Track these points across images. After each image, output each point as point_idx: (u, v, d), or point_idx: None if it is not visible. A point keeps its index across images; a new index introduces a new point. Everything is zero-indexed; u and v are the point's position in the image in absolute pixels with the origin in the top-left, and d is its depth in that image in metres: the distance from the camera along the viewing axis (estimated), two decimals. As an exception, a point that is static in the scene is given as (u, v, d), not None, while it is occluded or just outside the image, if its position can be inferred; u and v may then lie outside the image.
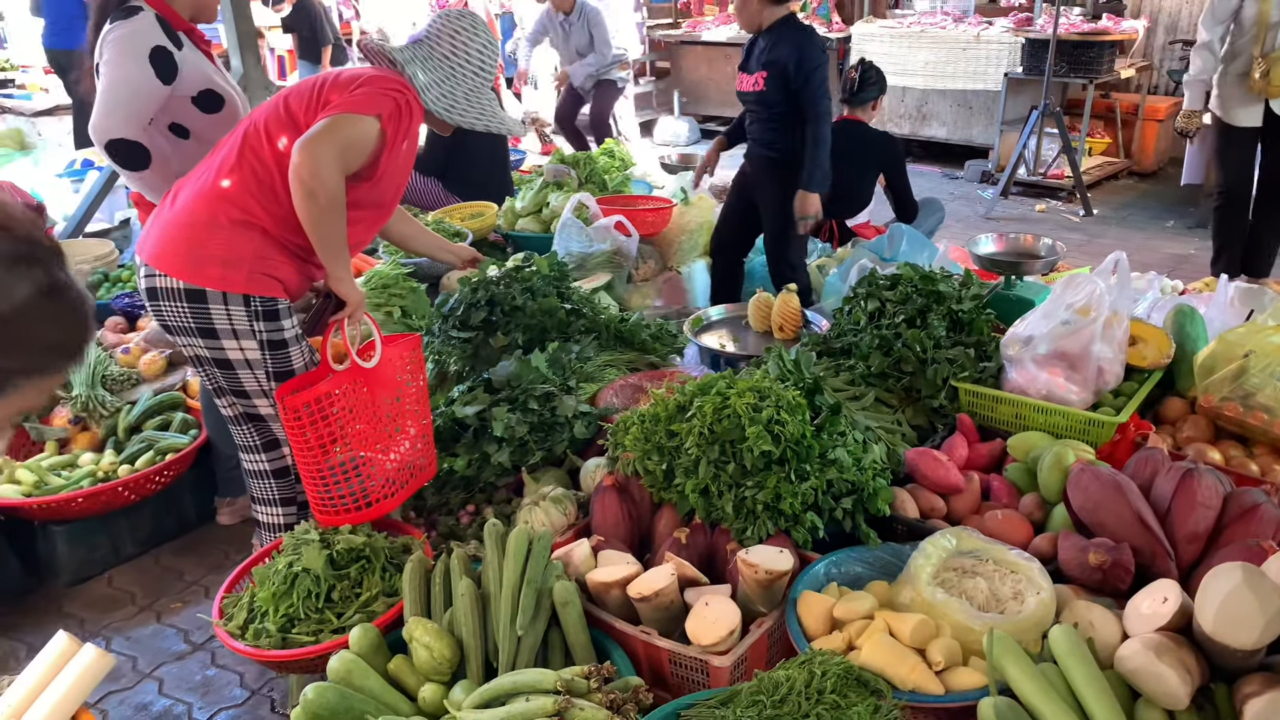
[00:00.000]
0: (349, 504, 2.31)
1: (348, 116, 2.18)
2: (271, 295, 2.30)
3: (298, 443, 2.26)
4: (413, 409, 2.47)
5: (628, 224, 4.14)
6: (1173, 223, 6.65)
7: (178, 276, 2.23)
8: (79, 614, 2.85)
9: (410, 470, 2.47)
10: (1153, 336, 2.78)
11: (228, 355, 2.33)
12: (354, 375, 2.28)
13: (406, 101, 2.28)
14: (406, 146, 2.35)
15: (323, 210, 2.17)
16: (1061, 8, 6.90)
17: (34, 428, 3.19)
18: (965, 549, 2.06)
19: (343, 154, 2.18)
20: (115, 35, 2.61)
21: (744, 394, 2.26)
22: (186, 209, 2.27)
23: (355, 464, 2.29)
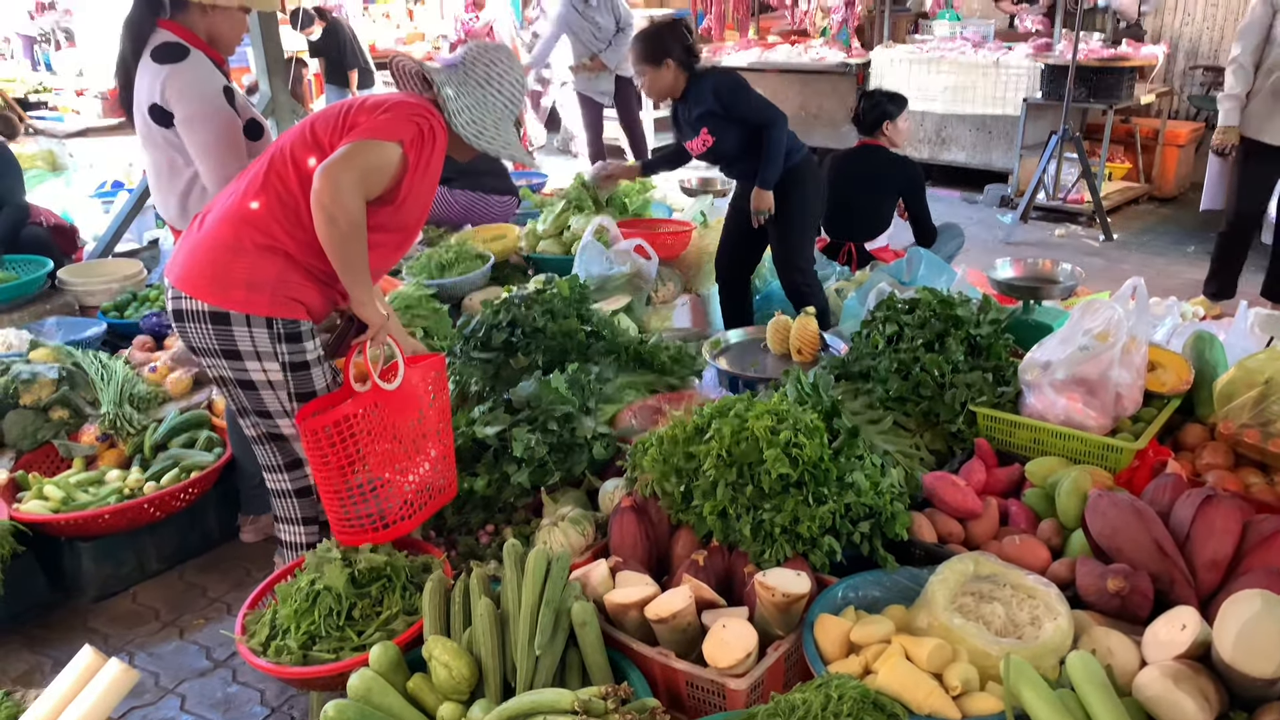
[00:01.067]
0: (368, 524, 2.33)
1: (370, 142, 2.21)
2: (294, 318, 2.33)
3: (318, 464, 2.28)
4: (434, 430, 2.48)
5: (647, 247, 4.17)
6: (1193, 248, 6.63)
7: (202, 299, 2.27)
8: (103, 629, 2.89)
9: (429, 492, 2.49)
10: (1172, 362, 2.78)
11: (251, 376, 2.37)
12: (375, 397, 2.31)
13: (430, 127, 2.31)
14: (430, 171, 2.38)
15: (343, 235, 2.19)
16: (1081, 34, 6.91)
17: (62, 444, 3.24)
18: (983, 574, 2.06)
19: (364, 179, 2.20)
20: (186, 83, 2.70)
21: (762, 416, 2.27)
22: (212, 233, 2.31)
23: (374, 485, 2.31)
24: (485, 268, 4.36)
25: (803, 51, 9.04)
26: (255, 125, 2.87)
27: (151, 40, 2.75)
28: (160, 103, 2.73)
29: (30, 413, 3.25)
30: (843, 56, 8.69)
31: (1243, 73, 4.79)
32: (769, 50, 9.33)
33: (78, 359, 3.50)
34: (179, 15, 2.78)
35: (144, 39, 2.76)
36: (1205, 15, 9.15)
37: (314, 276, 2.35)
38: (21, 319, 4.26)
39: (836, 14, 8.83)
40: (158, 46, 2.74)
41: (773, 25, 10.57)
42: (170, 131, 2.77)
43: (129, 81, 2.83)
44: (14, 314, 4.28)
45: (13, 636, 2.83)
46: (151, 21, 2.76)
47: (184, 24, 2.77)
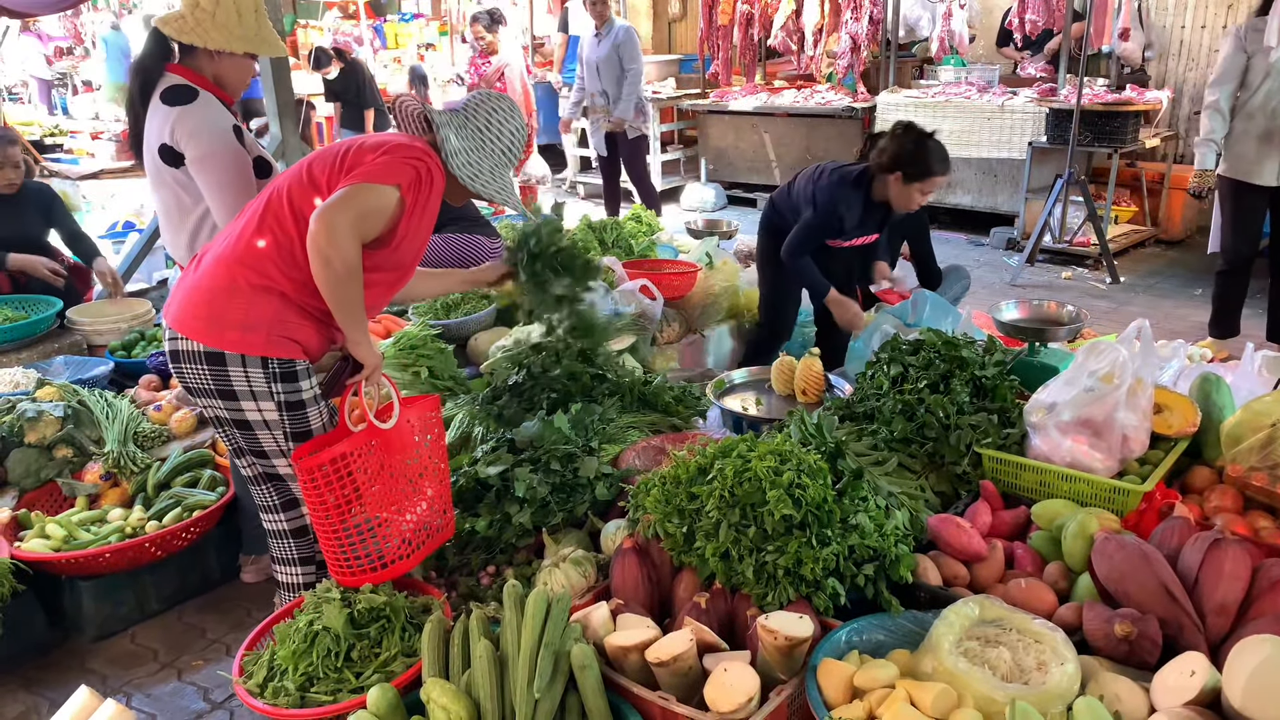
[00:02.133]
0: (365, 564, 2.33)
1: (367, 185, 2.22)
2: (290, 357, 2.33)
3: (314, 504, 2.28)
4: (430, 469, 2.50)
5: (653, 288, 4.19)
6: (1201, 291, 6.62)
7: (198, 340, 2.28)
8: (101, 670, 2.86)
9: (427, 531, 2.49)
10: (1178, 404, 2.76)
11: (246, 416, 2.37)
12: (370, 436, 2.32)
13: (428, 169, 2.32)
14: (427, 213, 2.40)
15: (339, 278, 2.20)
16: (1085, 79, 6.97)
17: (65, 483, 3.24)
18: (988, 618, 2.04)
19: (360, 222, 2.21)
20: (196, 123, 2.75)
21: (765, 457, 2.26)
22: (208, 273, 2.32)
23: (371, 525, 2.31)
24: (490, 308, 4.37)
25: (809, 96, 9.14)
26: (263, 163, 2.91)
27: (160, 84, 2.80)
28: (170, 143, 2.76)
29: (34, 451, 3.26)
30: (848, 101, 8.77)
31: (1219, 117, 4.87)
32: (775, 95, 9.44)
33: (83, 397, 3.51)
34: (187, 60, 2.83)
35: (153, 83, 2.81)
36: (1209, 60, 9.21)
37: (310, 315, 2.36)
38: (30, 358, 4.28)
39: (842, 59, 8.92)
40: (167, 89, 2.78)
41: (779, 70, 10.69)
42: (179, 172, 2.80)
43: (138, 124, 2.88)
44: (22, 353, 4.30)
45: (10, 677, 2.81)
46: (160, 66, 2.81)
47: (192, 68, 2.82)
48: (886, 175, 3.78)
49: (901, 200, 3.82)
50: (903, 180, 3.73)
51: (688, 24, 12.85)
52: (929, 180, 3.76)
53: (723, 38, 9.94)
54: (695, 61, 10.91)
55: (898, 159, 3.71)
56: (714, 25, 9.93)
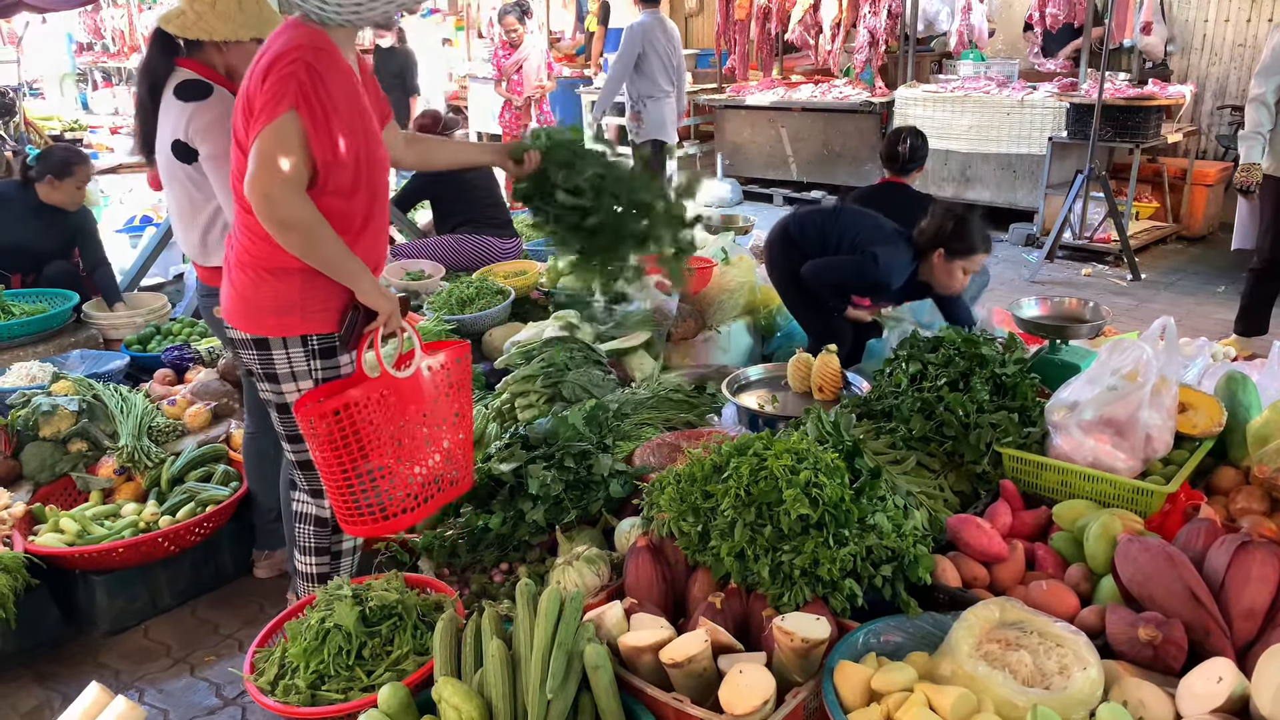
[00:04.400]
0: (368, 514, 2.31)
1: (266, 131, 2.07)
2: (329, 331, 2.33)
3: (315, 449, 2.29)
4: (448, 418, 2.44)
5: (667, 283, 4.16)
6: (1224, 288, 6.54)
7: (244, 330, 2.33)
8: (114, 665, 2.86)
9: (439, 484, 2.44)
10: (1204, 404, 2.71)
11: (286, 399, 2.39)
12: (383, 386, 2.28)
13: (306, 64, 2.09)
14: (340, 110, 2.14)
15: (305, 238, 2.14)
16: (1106, 74, 6.89)
17: (80, 477, 3.25)
18: (1009, 620, 2.00)
19: (284, 174, 2.09)
20: (211, 119, 2.72)
21: (781, 455, 2.23)
22: (234, 270, 2.34)
23: (374, 475, 2.29)
24: (505, 303, 4.36)
25: (826, 91, 9.08)
26: None
27: (172, 79, 2.79)
28: (184, 139, 2.75)
29: (49, 445, 3.26)
30: (866, 96, 8.71)
31: (1265, 110, 4.77)
32: (792, 90, 9.38)
33: (98, 391, 3.51)
34: (196, 53, 2.81)
35: (162, 80, 2.79)
36: (1233, 55, 9.11)
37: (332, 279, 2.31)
38: (47, 351, 4.29)
39: (860, 54, 8.85)
40: (180, 84, 2.77)
41: (796, 65, 10.63)
42: (192, 168, 2.79)
43: (148, 125, 2.86)
44: (39, 346, 4.31)
45: (23, 671, 2.81)
46: (169, 62, 2.79)
47: (202, 61, 2.80)
48: (929, 253, 3.74)
49: (944, 277, 3.75)
50: (945, 257, 3.69)
51: (704, 19, 12.80)
52: (972, 258, 3.70)
53: (739, 32, 9.89)
54: (712, 56, 10.86)
55: (938, 236, 3.69)
56: (731, 20, 9.88)
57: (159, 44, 2.81)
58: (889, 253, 3.73)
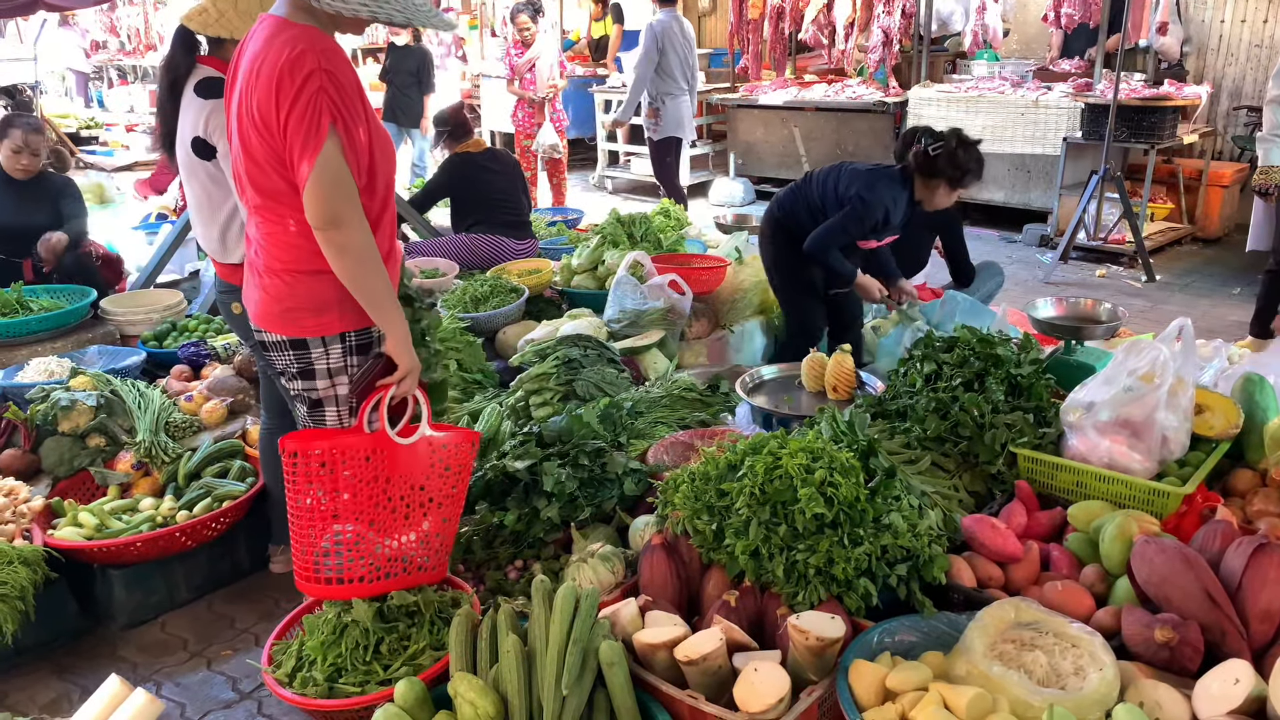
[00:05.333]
0: (323, 574, 2.22)
1: (321, 158, 2.06)
2: (366, 326, 2.31)
3: (289, 489, 2.23)
4: (436, 503, 2.34)
5: (682, 282, 4.17)
6: (1239, 290, 6.50)
7: (280, 333, 2.30)
8: (131, 658, 2.88)
9: (405, 564, 2.31)
10: (1220, 405, 2.70)
11: (320, 395, 2.37)
12: (374, 445, 2.22)
13: (329, 74, 2.07)
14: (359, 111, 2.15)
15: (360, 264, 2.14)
16: (1122, 74, 6.85)
17: (98, 472, 3.27)
18: (1024, 620, 2.00)
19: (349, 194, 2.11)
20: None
21: (796, 454, 2.24)
22: (265, 276, 2.30)
23: (340, 536, 2.21)
24: (519, 301, 4.37)
25: (839, 90, 9.06)
26: None
27: (193, 76, 2.81)
28: (204, 136, 2.77)
29: (68, 440, 3.28)
30: (879, 95, 8.69)
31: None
32: (806, 89, 9.37)
33: (116, 387, 3.54)
34: (216, 51, 2.83)
35: (183, 77, 2.81)
36: (1249, 55, 9.07)
37: None
38: (64, 347, 4.32)
39: (874, 54, 8.83)
40: (200, 81, 2.79)
41: (809, 64, 10.61)
42: (211, 165, 2.81)
43: (169, 122, 2.88)
44: (57, 342, 4.34)
45: (42, 664, 2.83)
46: (190, 60, 2.81)
47: (223, 58, 2.82)
48: (933, 179, 3.86)
49: (940, 201, 3.94)
50: (949, 186, 3.87)
51: (718, 18, 12.80)
52: (970, 185, 3.95)
53: (753, 32, 9.87)
54: (725, 56, 10.85)
55: (952, 166, 3.84)
56: (744, 19, 9.86)
57: (181, 41, 2.83)
58: (877, 188, 3.87)
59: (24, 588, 2.68)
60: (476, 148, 5.44)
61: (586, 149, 11.43)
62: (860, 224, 3.86)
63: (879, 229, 3.94)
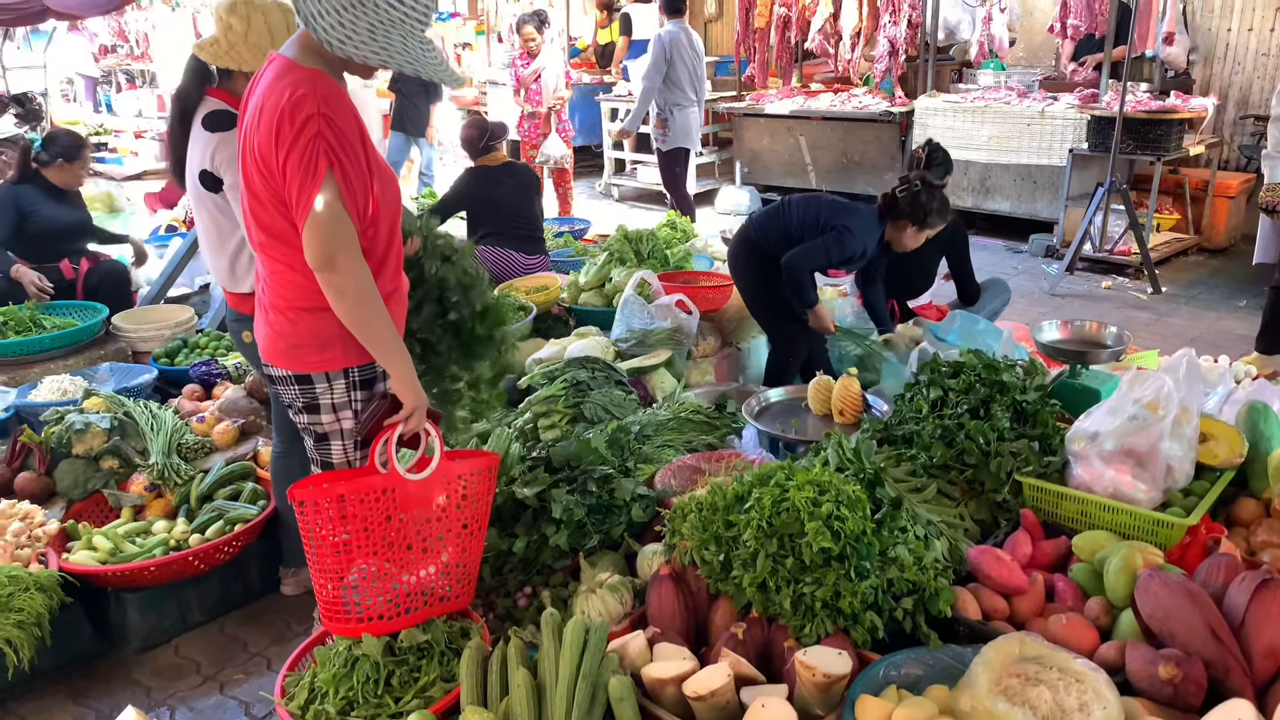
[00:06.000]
0: (349, 613, 2.24)
1: (319, 201, 2.09)
2: (369, 361, 2.33)
3: (305, 537, 2.24)
4: (454, 531, 2.34)
5: (689, 302, 4.19)
6: (1245, 302, 6.50)
7: (285, 368, 2.34)
8: (145, 682, 2.91)
9: (428, 596, 2.32)
10: (1224, 434, 2.72)
11: (325, 429, 2.40)
12: (386, 484, 2.22)
13: (327, 119, 2.10)
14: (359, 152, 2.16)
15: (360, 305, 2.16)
16: (1128, 84, 6.86)
17: (111, 494, 3.31)
18: (1029, 655, 2.01)
19: (347, 237, 2.12)
20: (234, 151, 2.69)
21: (804, 487, 2.25)
22: (271, 312, 2.34)
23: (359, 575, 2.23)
24: (527, 320, 4.39)
25: (845, 100, 9.08)
26: None
27: (201, 108, 2.84)
28: (210, 169, 2.80)
29: (82, 462, 3.32)
30: (886, 105, 8.70)
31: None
32: (812, 98, 9.38)
33: (129, 408, 3.57)
34: (225, 83, 2.87)
35: (192, 109, 2.84)
36: (1256, 64, 9.05)
37: None
38: (77, 364, 4.37)
39: (880, 63, 8.85)
40: (208, 114, 2.82)
41: (816, 72, 10.63)
42: (219, 197, 2.84)
43: (179, 150, 2.91)
44: (70, 359, 4.39)
45: (57, 687, 2.87)
46: (199, 92, 2.85)
47: (230, 90, 2.86)
48: (899, 221, 4.06)
49: (907, 242, 4.12)
50: (915, 227, 4.05)
51: (724, 24, 12.81)
52: (936, 229, 4.12)
53: (759, 40, 9.89)
54: (731, 63, 10.87)
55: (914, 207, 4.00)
56: (750, 28, 9.88)
57: (193, 72, 2.87)
58: (858, 223, 4.03)
59: (40, 614, 2.72)
60: (494, 161, 5.48)
61: (593, 156, 11.46)
62: (840, 250, 4.00)
63: (854, 260, 4.12)
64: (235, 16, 2.77)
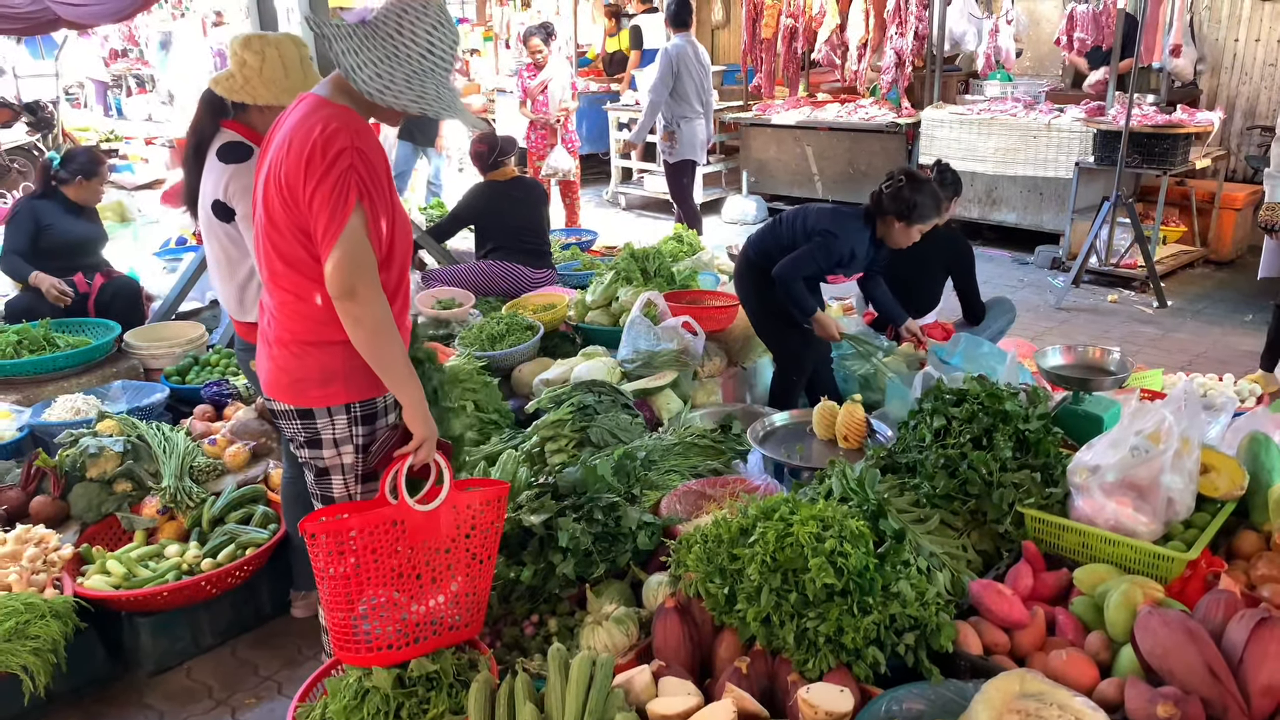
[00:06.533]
0: (360, 642, 2.27)
1: (345, 233, 2.14)
2: (372, 396, 2.37)
3: (315, 565, 2.28)
4: (463, 562, 2.37)
5: (695, 324, 4.22)
6: (1251, 316, 6.51)
7: (287, 403, 2.38)
8: (159, 705, 2.95)
9: (438, 626, 2.35)
10: (1225, 466, 2.74)
11: (326, 464, 2.44)
12: (396, 516, 2.26)
13: (359, 152, 2.17)
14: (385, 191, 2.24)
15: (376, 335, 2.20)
16: (1135, 95, 6.86)
17: (125, 517, 3.35)
18: (1029, 692, 2.04)
19: (368, 269, 2.18)
20: (249, 182, 2.73)
21: (807, 522, 2.29)
22: (275, 343, 2.37)
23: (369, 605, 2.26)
24: (534, 339, 4.43)
25: (852, 111, 9.10)
26: None
27: (216, 140, 2.88)
28: (224, 199, 2.84)
29: (96, 485, 3.37)
30: (892, 116, 8.73)
31: None
32: (819, 109, 9.41)
33: (142, 431, 3.62)
34: (240, 115, 2.91)
35: (208, 140, 2.89)
36: (1263, 74, 9.06)
37: None
38: (90, 382, 4.42)
39: (887, 74, 8.87)
40: (223, 145, 2.87)
41: (822, 82, 10.65)
42: (230, 227, 2.89)
43: (193, 178, 2.96)
44: (83, 377, 4.43)
45: (71, 711, 2.91)
46: (214, 124, 2.89)
47: (245, 123, 2.90)
48: (884, 216, 4.04)
49: (898, 238, 4.07)
50: (902, 221, 3.99)
51: (730, 31, 12.84)
52: (928, 222, 4.04)
53: (766, 50, 9.92)
54: (738, 72, 10.90)
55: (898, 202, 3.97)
56: (757, 38, 9.91)
57: (208, 104, 2.91)
58: (843, 227, 4.03)
59: (56, 640, 2.76)
60: (503, 176, 5.52)
61: (600, 164, 11.50)
62: (827, 256, 3.99)
63: (845, 264, 4.09)
64: (250, 52, 2.82)
